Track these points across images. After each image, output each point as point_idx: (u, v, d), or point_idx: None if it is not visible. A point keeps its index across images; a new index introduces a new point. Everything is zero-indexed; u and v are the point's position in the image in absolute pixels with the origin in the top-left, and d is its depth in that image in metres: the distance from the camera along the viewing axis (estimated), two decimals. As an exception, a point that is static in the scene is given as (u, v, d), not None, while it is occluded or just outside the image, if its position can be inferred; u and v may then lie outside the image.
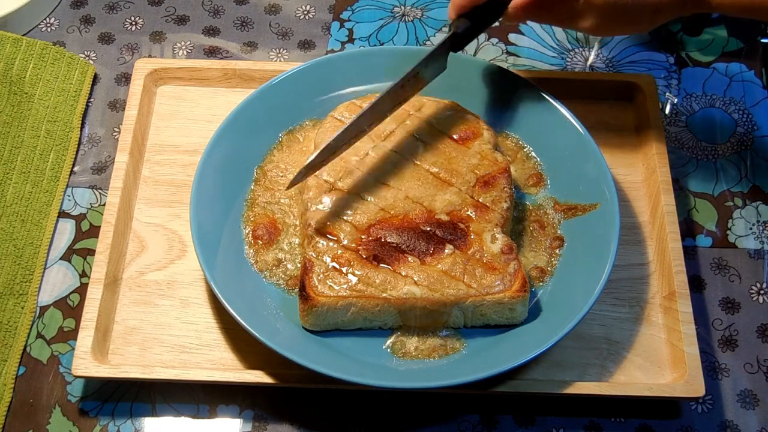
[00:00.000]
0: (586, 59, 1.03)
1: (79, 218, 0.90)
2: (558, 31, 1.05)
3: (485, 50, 1.03)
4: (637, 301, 0.84)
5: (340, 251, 0.78)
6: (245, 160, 0.87)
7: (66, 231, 0.89)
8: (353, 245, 0.78)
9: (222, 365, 0.80)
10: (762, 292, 0.87)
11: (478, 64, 0.92)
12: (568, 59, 1.03)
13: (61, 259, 0.87)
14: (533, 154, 0.89)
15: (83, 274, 0.87)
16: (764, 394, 0.82)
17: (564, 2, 0.80)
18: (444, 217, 0.81)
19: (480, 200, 0.82)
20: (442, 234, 0.79)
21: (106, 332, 0.81)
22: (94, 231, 0.88)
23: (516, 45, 1.04)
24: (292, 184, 0.80)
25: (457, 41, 0.83)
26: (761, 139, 0.97)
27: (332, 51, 1.03)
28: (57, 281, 0.86)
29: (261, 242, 0.83)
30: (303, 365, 0.73)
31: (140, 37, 1.04)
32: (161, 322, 0.82)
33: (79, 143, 0.95)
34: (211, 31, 1.04)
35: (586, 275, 0.79)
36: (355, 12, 1.07)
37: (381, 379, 0.74)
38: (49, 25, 1.04)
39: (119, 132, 0.93)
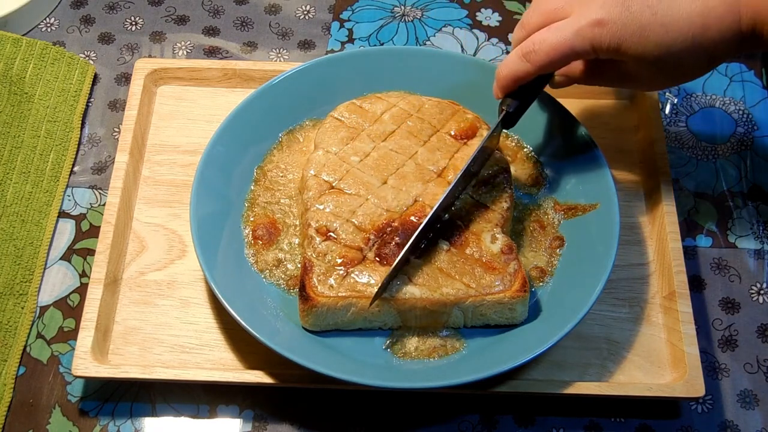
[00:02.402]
0: (586, 59, 1.03)
1: (79, 218, 0.90)
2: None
3: (485, 50, 1.03)
4: (637, 301, 0.84)
5: (340, 251, 0.78)
6: (245, 160, 0.87)
7: (66, 231, 0.89)
8: (353, 245, 0.78)
9: (222, 365, 0.80)
10: (762, 292, 0.87)
11: (478, 64, 0.92)
12: (568, 59, 1.03)
13: (61, 259, 0.87)
14: (533, 154, 0.89)
15: (83, 274, 0.87)
16: (764, 394, 0.82)
17: (612, 65, 0.77)
18: (443, 216, 0.81)
19: (480, 200, 0.82)
20: (440, 232, 0.79)
21: (106, 332, 0.81)
22: (94, 231, 0.88)
23: (516, 45, 1.04)
24: (375, 298, 0.75)
25: (508, 119, 0.81)
26: (761, 139, 0.97)
27: (332, 51, 1.03)
28: (57, 281, 0.86)
29: (261, 242, 0.83)
30: (303, 365, 0.73)
31: (140, 37, 1.04)
32: (161, 322, 0.82)
33: (79, 143, 0.95)
34: (211, 31, 1.04)
35: (586, 275, 0.79)
36: (355, 12, 1.07)
37: (381, 379, 0.74)
38: (49, 25, 1.04)
39: (119, 132, 0.93)
